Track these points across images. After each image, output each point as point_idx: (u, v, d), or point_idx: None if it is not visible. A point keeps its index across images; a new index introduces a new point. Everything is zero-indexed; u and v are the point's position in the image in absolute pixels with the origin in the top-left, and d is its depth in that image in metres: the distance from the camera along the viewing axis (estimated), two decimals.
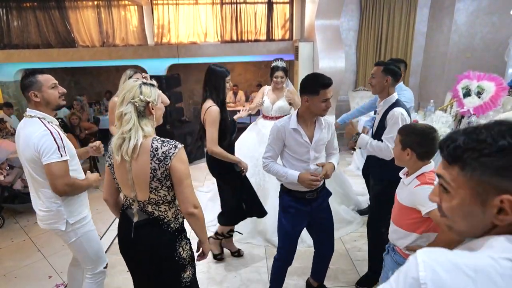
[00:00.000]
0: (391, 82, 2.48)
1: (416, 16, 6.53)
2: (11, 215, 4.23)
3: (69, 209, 2.04)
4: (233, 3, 7.04)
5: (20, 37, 7.10)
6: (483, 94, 3.64)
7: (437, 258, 0.66)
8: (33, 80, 1.94)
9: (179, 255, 1.69)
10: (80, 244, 2.12)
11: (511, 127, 0.70)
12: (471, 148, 0.71)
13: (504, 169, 0.67)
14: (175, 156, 1.53)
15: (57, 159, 1.86)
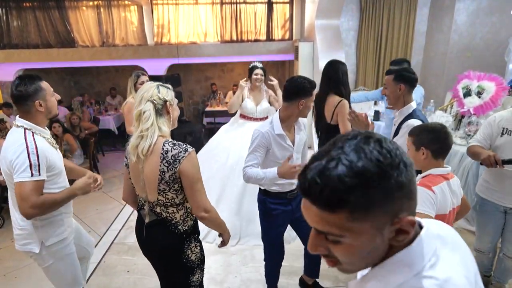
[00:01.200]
0: (406, 90, 2.27)
1: (416, 16, 6.52)
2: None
3: (47, 230, 1.84)
4: (233, 3, 7.04)
5: (20, 37, 7.09)
6: (483, 94, 3.65)
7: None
8: (38, 87, 1.76)
9: (188, 258, 1.70)
10: (55, 268, 1.93)
11: (362, 139, 0.62)
12: (355, 186, 0.58)
13: (394, 191, 0.60)
14: (184, 160, 1.53)
15: (27, 178, 1.64)
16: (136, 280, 2.96)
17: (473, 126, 3.65)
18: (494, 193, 2.35)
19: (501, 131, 2.24)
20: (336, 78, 2.83)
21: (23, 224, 1.82)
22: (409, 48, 6.68)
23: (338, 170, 0.58)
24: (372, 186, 0.58)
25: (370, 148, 0.60)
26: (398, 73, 2.30)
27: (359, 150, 0.60)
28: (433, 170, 1.68)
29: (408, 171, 0.61)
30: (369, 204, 0.59)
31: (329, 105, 2.83)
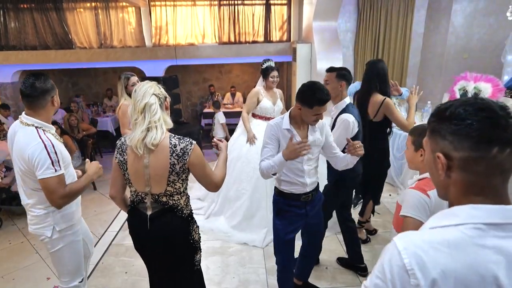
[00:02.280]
0: (345, 87, 2.58)
1: (413, 18, 6.55)
2: (9, 217, 4.22)
3: (59, 215, 1.98)
4: (231, 5, 7.05)
5: (18, 38, 7.08)
6: (480, 95, 3.67)
7: (415, 242, 0.71)
8: (53, 84, 1.90)
9: (193, 238, 1.83)
10: (62, 253, 2.04)
11: (475, 103, 0.73)
12: (435, 114, 0.79)
13: (448, 133, 0.75)
14: (192, 152, 1.67)
15: (51, 174, 1.80)
16: (134, 281, 2.96)
17: None
18: None
19: None
20: (380, 77, 2.97)
21: (37, 210, 1.96)
22: (407, 50, 6.71)
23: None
24: (440, 120, 0.80)
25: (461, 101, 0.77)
26: (340, 72, 2.58)
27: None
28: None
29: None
30: (434, 130, 0.82)
31: (373, 104, 2.95)
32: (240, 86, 9.22)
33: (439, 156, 0.76)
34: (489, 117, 0.70)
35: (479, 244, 0.68)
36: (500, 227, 0.69)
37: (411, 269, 0.68)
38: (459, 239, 0.69)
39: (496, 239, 0.68)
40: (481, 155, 0.70)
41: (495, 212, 0.70)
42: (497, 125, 0.69)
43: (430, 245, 0.69)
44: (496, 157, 0.69)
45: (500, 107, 0.71)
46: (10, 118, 6.27)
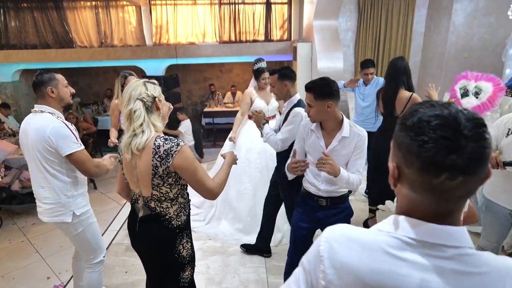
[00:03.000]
0: (290, 85, 2.66)
1: (414, 17, 6.54)
2: (9, 216, 4.22)
3: (76, 201, 2.16)
4: (231, 4, 7.04)
5: (18, 37, 7.08)
6: (481, 95, 3.66)
7: (335, 234, 0.75)
8: (52, 77, 2.09)
9: (179, 253, 1.70)
10: (83, 235, 2.22)
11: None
12: (401, 118, 0.72)
13: (404, 145, 0.67)
14: (177, 154, 1.54)
15: (78, 148, 2.03)
16: (134, 281, 2.95)
17: None
18: (500, 195, 2.34)
19: (507, 132, 2.25)
20: (407, 74, 3.11)
21: (57, 197, 2.11)
22: (407, 49, 6.70)
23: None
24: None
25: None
26: (281, 72, 2.65)
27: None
28: None
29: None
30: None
31: (401, 100, 3.08)
32: (241, 85, 9.20)
33: (391, 167, 0.71)
34: (446, 138, 0.60)
35: (394, 255, 0.66)
36: (426, 245, 0.65)
37: (322, 255, 0.73)
38: (376, 244, 0.69)
39: (419, 256, 0.65)
40: (429, 179, 0.63)
41: (425, 229, 0.66)
42: (453, 149, 0.60)
43: (348, 241, 0.72)
44: (444, 183, 0.62)
45: (467, 125, 0.61)
46: (10, 117, 6.27)
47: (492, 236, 2.48)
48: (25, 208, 4.33)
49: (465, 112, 0.63)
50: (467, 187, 0.63)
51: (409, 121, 0.66)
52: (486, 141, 0.62)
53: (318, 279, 0.74)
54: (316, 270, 0.74)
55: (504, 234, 2.47)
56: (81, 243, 2.27)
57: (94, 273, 2.35)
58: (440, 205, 0.66)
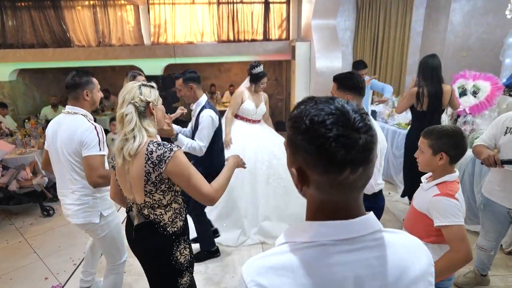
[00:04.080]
0: (195, 87, 2.69)
1: (412, 16, 6.55)
2: (7, 217, 4.20)
3: (104, 202, 2.19)
4: (230, 3, 7.03)
5: (15, 36, 7.04)
6: (479, 94, 3.67)
7: (256, 270, 0.67)
8: (89, 80, 2.12)
9: (176, 260, 1.67)
10: (111, 236, 2.24)
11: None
12: (290, 121, 0.70)
13: (302, 149, 0.66)
14: (170, 160, 1.49)
15: (96, 152, 1.99)
16: (133, 281, 2.95)
17: (468, 125, 3.67)
18: (498, 193, 2.35)
19: (505, 130, 2.25)
20: (441, 69, 3.22)
21: (85, 198, 2.12)
22: (406, 48, 6.71)
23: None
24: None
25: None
26: (185, 76, 2.67)
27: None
28: (448, 177, 1.63)
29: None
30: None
31: (446, 93, 3.22)
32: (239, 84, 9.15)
33: (293, 172, 0.70)
34: (343, 135, 0.62)
35: (325, 264, 0.66)
36: (347, 241, 0.67)
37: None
38: (304, 262, 0.66)
39: (343, 255, 0.66)
40: (334, 177, 0.65)
41: (342, 228, 0.68)
42: (350, 145, 0.62)
43: (275, 272, 0.66)
44: (348, 178, 0.64)
45: (357, 118, 0.63)
46: (7, 117, 6.24)
47: (491, 235, 2.48)
48: (23, 208, 4.32)
49: (350, 105, 0.66)
50: (366, 174, 0.67)
51: (303, 125, 0.65)
52: (372, 129, 0.65)
53: None
54: None
55: (503, 232, 2.47)
56: (108, 244, 2.27)
57: (117, 275, 2.35)
58: (347, 198, 0.69)
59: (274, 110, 9.14)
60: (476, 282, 2.68)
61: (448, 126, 1.69)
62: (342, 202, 0.69)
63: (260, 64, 3.63)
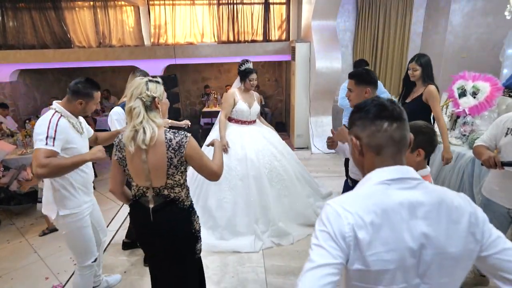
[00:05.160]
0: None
1: (412, 17, 6.56)
2: (7, 217, 4.21)
3: (60, 201, 2.15)
4: (230, 4, 7.05)
5: (16, 37, 7.06)
6: (478, 94, 3.67)
7: (342, 201, 0.94)
8: (90, 93, 2.13)
9: (194, 228, 1.89)
10: (71, 237, 2.23)
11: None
12: (351, 111, 1.08)
13: (356, 120, 1.03)
14: (188, 145, 1.70)
15: (41, 145, 1.91)
16: (133, 281, 2.95)
17: (468, 126, 3.67)
18: (498, 194, 2.35)
19: (506, 131, 2.25)
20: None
21: (46, 193, 2.18)
22: (405, 49, 6.72)
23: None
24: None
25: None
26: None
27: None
28: (421, 172, 1.67)
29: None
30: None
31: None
32: None
33: (352, 139, 1.02)
34: (378, 104, 0.98)
35: (385, 193, 0.93)
36: (400, 181, 0.94)
37: (340, 213, 0.91)
38: (370, 192, 0.95)
39: (399, 190, 0.93)
40: (377, 129, 0.96)
41: (394, 171, 0.95)
42: (384, 108, 0.96)
43: (351, 199, 0.95)
44: (387, 130, 0.95)
45: (388, 100, 0.99)
46: (8, 117, 6.25)
47: None
48: (24, 208, 4.33)
49: (385, 98, 1.02)
50: (401, 131, 0.96)
51: (355, 108, 1.05)
52: (400, 107, 0.99)
53: (342, 232, 0.89)
54: (340, 226, 0.90)
55: (503, 232, 2.48)
56: (67, 243, 2.28)
57: (83, 276, 2.33)
58: (389, 149, 0.97)
59: (274, 111, 9.15)
60: (475, 282, 2.69)
61: (420, 123, 1.76)
62: (388, 154, 0.97)
63: (249, 61, 3.58)
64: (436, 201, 0.93)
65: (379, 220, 0.89)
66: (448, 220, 0.92)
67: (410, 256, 0.89)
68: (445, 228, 0.91)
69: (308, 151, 6.32)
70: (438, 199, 0.93)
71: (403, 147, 0.98)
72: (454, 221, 0.93)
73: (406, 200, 0.91)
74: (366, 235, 0.88)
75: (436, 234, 0.90)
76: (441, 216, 0.92)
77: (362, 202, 0.92)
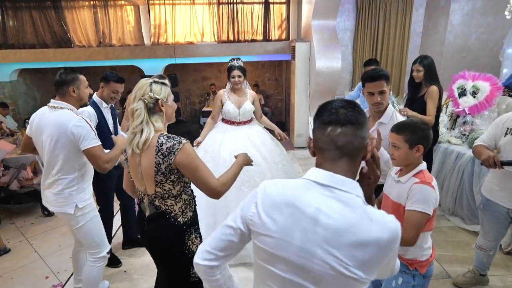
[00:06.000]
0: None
1: (412, 16, 6.56)
2: (7, 216, 4.21)
3: (80, 195, 2.23)
4: (230, 3, 7.04)
5: (16, 37, 7.06)
6: (478, 94, 3.67)
7: (270, 182, 1.03)
8: (75, 77, 2.20)
9: (189, 249, 1.70)
10: (87, 228, 2.28)
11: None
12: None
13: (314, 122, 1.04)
14: (179, 152, 1.55)
15: (96, 143, 2.13)
16: (133, 280, 2.96)
17: (468, 125, 3.68)
18: (497, 193, 2.34)
19: (505, 131, 2.25)
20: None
21: (63, 189, 2.19)
22: (405, 48, 6.72)
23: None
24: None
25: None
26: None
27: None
28: (422, 166, 1.71)
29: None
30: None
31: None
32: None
33: (308, 138, 1.04)
34: (330, 108, 0.96)
35: (303, 190, 0.95)
36: (325, 187, 0.92)
37: (257, 192, 1.01)
38: (293, 184, 0.98)
39: (317, 193, 0.93)
40: (321, 132, 0.95)
41: (325, 176, 0.94)
42: (333, 112, 0.94)
43: (276, 183, 1.01)
44: (329, 134, 0.94)
45: (345, 102, 0.97)
46: (8, 117, 6.25)
47: (490, 234, 2.49)
48: (24, 207, 4.33)
49: (341, 99, 1.01)
50: (346, 137, 0.93)
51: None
52: (355, 111, 0.95)
53: (249, 211, 1.00)
54: (250, 205, 1.00)
55: (502, 232, 2.48)
56: (85, 235, 2.31)
57: (94, 268, 2.37)
58: (330, 153, 0.95)
59: (274, 110, 9.15)
60: (475, 281, 2.69)
61: (415, 120, 1.80)
62: (329, 158, 0.96)
63: (236, 59, 3.44)
64: (343, 223, 0.88)
65: (284, 209, 0.95)
66: (347, 245, 0.87)
67: (296, 256, 0.92)
68: (344, 249, 0.87)
69: (308, 151, 6.32)
70: (347, 224, 0.87)
71: (349, 153, 0.94)
72: (353, 250, 0.87)
73: (315, 207, 0.91)
74: (265, 217, 0.96)
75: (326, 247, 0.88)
76: (339, 239, 0.87)
77: (283, 189, 0.98)
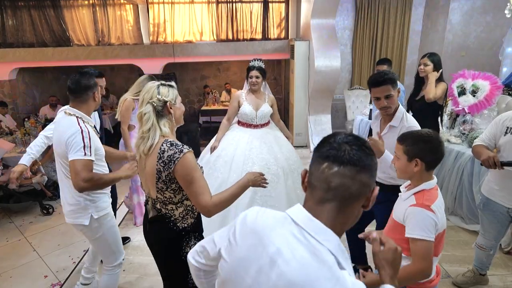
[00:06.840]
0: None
1: (411, 15, 6.56)
2: (6, 215, 4.21)
3: (95, 204, 2.14)
4: (229, 2, 7.03)
5: (15, 36, 7.03)
6: (478, 93, 3.67)
7: (252, 211, 0.94)
8: (95, 82, 2.13)
9: (185, 255, 1.66)
10: (104, 238, 2.22)
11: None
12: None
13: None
14: (179, 161, 1.51)
15: (80, 156, 1.93)
16: (132, 279, 2.96)
17: (467, 124, 3.68)
18: (497, 193, 2.34)
19: (505, 130, 2.25)
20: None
21: (77, 200, 2.10)
22: (404, 47, 6.71)
23: None
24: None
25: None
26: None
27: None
28: (425, 185, 1.56)
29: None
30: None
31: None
32: (238, 83, 9.17)
33: (303, 173, 0.92)
34: (328, 139, 0.86)
35: (275, 224, 0.86)
36: (300, 228, 0.82)
37: (236, 222, 0.95)
38: (272, 215, 0.89)
39: (288, 232, 0.82)
40: (316, 167, 0.85)
41: (302, 216, 0.84)
42: (331, 145, 0.84)
43: (256, 212, 0.93)
44: (324, 171, 0.82)
45: (352, 137, 0.85)
46: (7, 116, 6.24)
47: (490, 234, 2.49)
48: (23, 206, 4.32)
49: (343, 136, 0.87)
50: (342, 178, 0.81)
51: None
52: (361, 151, 0.83)
53: (226, 234, 0.96)
54: (231, 227, 0.95)
55: (502, 232, 2.48)
56: (101, 247, 2.27)
57: (113, 276, 2.34)
58: (318, 192, 0.84)
59: None
60: (475, 281, 2.69)
61: (424, 131, 1.61)
62: (316, 197, 0.85)
63: (259, 59, 3.34)
64: (300, 276, 0.76)
65: (249, 236, 0.89)
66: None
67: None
68: None
69: (307, 149, 6.32)
70: (304, 278, 0.76)
71: (341, 199, 0.82)
72: None
73: (277, 247, 0.81)
74: (232, 239, 0.92)
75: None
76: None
77: (259, 218, 0.91)
